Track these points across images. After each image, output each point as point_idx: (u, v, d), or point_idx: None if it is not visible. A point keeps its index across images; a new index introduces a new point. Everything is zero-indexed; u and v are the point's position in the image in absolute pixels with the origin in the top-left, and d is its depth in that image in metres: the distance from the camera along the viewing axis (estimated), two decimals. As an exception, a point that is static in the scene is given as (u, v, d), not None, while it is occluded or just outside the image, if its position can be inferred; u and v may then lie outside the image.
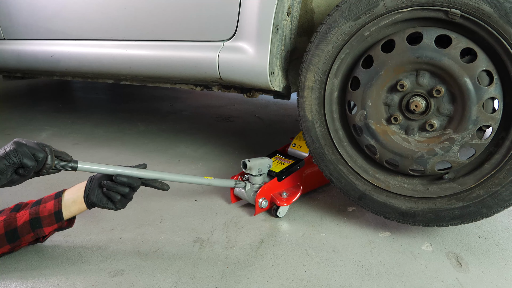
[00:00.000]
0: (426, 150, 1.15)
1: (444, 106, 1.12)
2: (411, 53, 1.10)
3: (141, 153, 2.14)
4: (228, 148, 2.20)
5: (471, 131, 1.08)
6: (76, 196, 1.15)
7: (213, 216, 1.47)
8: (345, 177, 1.29)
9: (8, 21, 1.97)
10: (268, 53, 1.32)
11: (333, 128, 1.28)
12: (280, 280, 1.12)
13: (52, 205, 1.15)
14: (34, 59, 1.94)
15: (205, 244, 1.29)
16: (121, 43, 1.66)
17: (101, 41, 1.72)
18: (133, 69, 1.64)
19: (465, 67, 1.05)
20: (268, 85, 1.37)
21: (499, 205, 1.11)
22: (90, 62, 1.76)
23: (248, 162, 1.42)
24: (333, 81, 1.24)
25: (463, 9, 1.02)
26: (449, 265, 1.18)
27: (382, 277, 1.13)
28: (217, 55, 1.42)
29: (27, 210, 1.15)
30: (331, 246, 1.28)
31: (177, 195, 1.62)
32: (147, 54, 1.59)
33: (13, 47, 2.01)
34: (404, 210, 1.23)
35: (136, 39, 1.63)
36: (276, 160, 1.59)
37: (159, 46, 1.56)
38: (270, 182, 1.45)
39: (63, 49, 1.83)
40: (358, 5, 1.14)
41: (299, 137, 1.67)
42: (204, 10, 1.42)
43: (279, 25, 1.32)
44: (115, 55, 1.66)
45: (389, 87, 1.17)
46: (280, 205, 1.42)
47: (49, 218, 1.14)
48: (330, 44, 1.20)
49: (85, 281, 1.11)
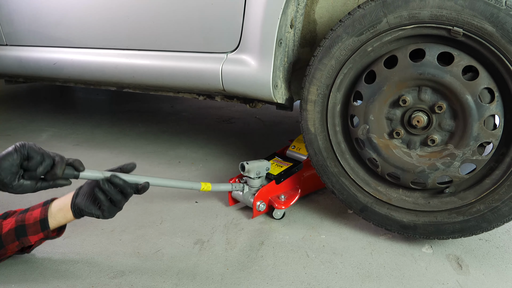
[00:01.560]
0: (428, 164, 1.16)
1: (445, 122, 1.13)
2: (414, 70, 1.11)
3: (142, 154, 2.15)
4: (229, 149, 2.22)
5: (472, 147, 1.10)
6: (64, 204, 1.11)
7: (213, 217, 1.48)
8: (347, 189, 1.31)
9: (11, 27, 1.97)
10: (271, 66, 1.33)
11: (335, 141, 1.30)
12: (280, 282, 1.13)
13: (39, 212, 1.10)
14: (37, 66, 1.94)
15: (205, 245, 1.30)
16: (124, 52, 1.67)
17: (104, 50, 1.72)
18: (136, 78, 1.65)
19: (467, 85, 1.06)
20: (271, 98, 1.38)
21: (499, 220, 1.13)
22: (93, 71, 1.76)
23: (246, 164, 1.41)
24: (336, 95, 1.26)
25: (466, 28, 1.03)
26: (449, 268, 1.20)
27: (383, 279, 1.15)
28: (220, 66, 1.43)
29: (14, 218, 1.11)
30: (332, 248, 1.29)
31: (177, 197, 1.63)
32: (150, 64, 1.59)
33: (16, 53, 2.01)
34: (405, 223, 1.24)
35: (139, 49, 1.63)
36: (275, 162, 1.59)
37: (163, 56, 1.57)
38: (268, 185, 1.45)
39: (66, 57, 1.83)
40: (362, 21, 1.14)
41: (299, 140, 1.67)
42: (207, 21, 1.43)
43: (282, 39, 1.33)
44: (118, 64, 1.67)
45: (391, 102, 1.18)
46: (278, 208, 1.43)
47: (34, 226, 1.09)
48: (333, 58, 1.21)
49: (85, 282, 1.12)
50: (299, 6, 1.34)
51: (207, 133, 2.53)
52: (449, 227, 1.19)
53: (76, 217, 1.10)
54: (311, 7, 1.43)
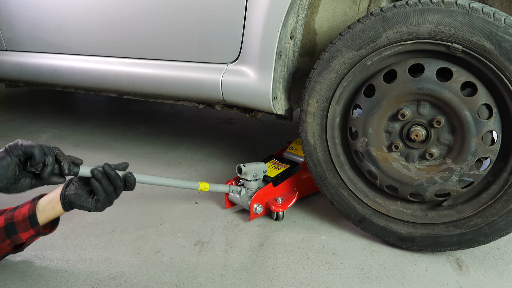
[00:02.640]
0: (426, 178, 1.17)
1: (444, 136, 1.14)
2: (413, 85, 1.11)
3: (141, 154, 2.15)
4: (229, 150, 2.23)
5: (470, 162, 1.11)
6: (53, 196, 1.08)
7: (213, 218, 1.49)
8: (346, 200, 1.32)
9: (11, 33, 1.97)
10: (271, 78, 1.33)
11: (334, 153, 1.30)
12: (280, 283, 1.14)
13: (27, 209, 1.08)
14: (37, 72, 1.94)
15: (205, 246, 1.31)
16: (124, 61, 1.67)
17: (104, 58, 1.72)
18: (137, 87, 1.66)
19: (465, 101, 1.07)
20: (271, 109, 1.38)
21: (496, 234, 1.14)
22: (93, 78, 1.77)
23: (243, 167, 1.41)
24: (335, 108, 1.26)
25: (465, 45, 1.04)
26: (449, 268, 1.21)
27: (383, 280, 1.15)
28: (220, 77, 1.43)
29: (3, 216, 1.09)
30: (331, 249, 1.30)
31: (177, 198, 1.64)
32: (151, 72, 1.60)
33: (16, 59, 2.01)
34: (403, 235, 1.26)
35: (140, 57, 1.63)
36: (272, 164, 1.59)
37: (164, 66, 1.57)
38: (265, 188, 1.45)
39: (66, 64, 1.83)
40: (361, 35, 1.15)
41: (297, 141, 1.67)
42: (207, 32, 1.43)
43: (282, 51, 1.33)
44: (118, 72, 1.67)
45: (390, 116, 1.19)
46: (275, 211, 1.44)
47: (24, 223, 1.07)
48: (332, 72, 1.22)
49: (84, 283, 1.13)
50: (299, 17, 1.34)
51: (207, 134, 2.53)
52: (447, 240, 1.20)
53: (65, 208, 1.08)
54: (311, 17, 1.43)
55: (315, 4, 1.40)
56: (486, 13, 1.00)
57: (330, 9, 1.46)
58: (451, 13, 1.03)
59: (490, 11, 1.00)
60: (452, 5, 1.03)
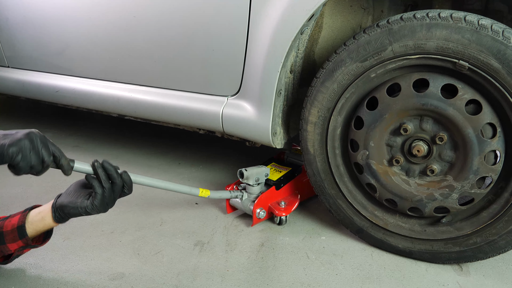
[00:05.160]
0: (426, 194, 1.16)
1: (446, 153, 1.12)
2: (417, 100, 1.09)
3: (141, 155, 2.14)
4: (229, 150, 2.22)
5: (471, 180, 1.09)
6: (43, 208, 1.05)
7: (214, 219, 1.48)
8: (344, 211, 1.31)
9: (12, 51, 1.95)
10: (270, 115, 1.33)
11: (334, 163, 1.29)
12: (281, 284, 1.14)
13: (17, 219, 1.05)
14: (39, 91, 1.92)
15: (205, 247, 1.31)
16: (126, 87, 1.66)
17: (106, 82, 1.71)
18: (138, 112, 1.66)
19: (469, 119, 1.05)
20: (270, 144, 1.39)
21: (495, 251, 1.13)
22: (95, 101, 1.76)
23: (245, 171, 1.39)
24: (337, 119, 1.24)
25: (471, 62, 1.01)
26: (449, 269, 1.21)
27: (383, 281, 1.16)
28: (221, 110, 1.42)
29: None
30: (332, 249, 1.30)
31: (177, 198, 1.63)
32: (152, 100, 1.59)
33: (18, 76, 1.98)
34: (401, 249, 1.25)
35: (141, 84, 1.62)
36: (273, 168, 1.57)
37: (165, 94, 1.56)
38: (268, 191, 1.43)
39: (68, 85, 1.82)
40: (366, 47, 1.12)
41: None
42: (208, 65, 1.42)
43: (282, 89, 1.32)
44: (120, 98, 1.66)
45: (392, 130, 1.17)
46: (279, 215, 1.42)
47: (12, 234, 1.04)
48: (335, 82, 1.20)
49: (85, 284, 1.13)
50: (298, 51, 1.32)
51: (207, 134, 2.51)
52: (445, 256, 1.19)
53: (56, 219, 1.03)
54: (310, 49, 1.41)
55: (315, 37, 1.38)
56: (495, 31, 0.98)
57: (330, 40, 1.44)
58: (459, 30, 1.00)
59: (499, 29, 0.98)
60: (460, 21, 1.01)
